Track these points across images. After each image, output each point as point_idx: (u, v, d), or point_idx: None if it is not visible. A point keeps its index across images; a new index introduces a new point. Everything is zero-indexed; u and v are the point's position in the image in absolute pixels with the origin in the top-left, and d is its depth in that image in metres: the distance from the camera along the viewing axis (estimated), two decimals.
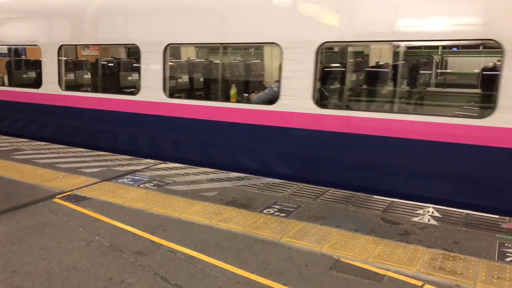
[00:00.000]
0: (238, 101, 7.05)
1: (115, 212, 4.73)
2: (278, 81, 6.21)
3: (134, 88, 8.20)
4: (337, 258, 3.71)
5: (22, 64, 10.19)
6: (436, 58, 8.97)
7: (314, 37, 5.79)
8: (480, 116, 5.17)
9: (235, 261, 3.65)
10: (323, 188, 5.52)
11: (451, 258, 3.67)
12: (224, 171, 6.29)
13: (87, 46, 12.17)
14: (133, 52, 10.30)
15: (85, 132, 8.29)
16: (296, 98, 5.95)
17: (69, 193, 5.31)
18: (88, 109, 8.04)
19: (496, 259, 3.65)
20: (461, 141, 5.09)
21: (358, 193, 5.32)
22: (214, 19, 6.61)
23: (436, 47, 9.62)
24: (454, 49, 11.20)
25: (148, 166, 6.56)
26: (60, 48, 8.24)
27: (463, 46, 10.74)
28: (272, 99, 6.35)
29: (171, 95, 7.32)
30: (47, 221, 4.48)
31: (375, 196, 5.22)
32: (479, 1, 5.05)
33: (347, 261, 3.66)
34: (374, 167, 5.71)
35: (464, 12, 5.13)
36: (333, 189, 5.49)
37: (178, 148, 7.29)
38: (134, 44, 7.42)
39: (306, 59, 5.82)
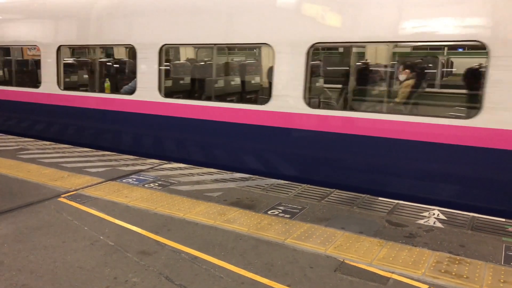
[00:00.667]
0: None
1: (120, 211, 4.73)
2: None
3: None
4: (342, 260, 3.69)
5: None
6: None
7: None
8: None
9: (239, 262, 3.65)
10: (328, 189, 5.51)
11: (457, 262, 3.64)
12: (229, 172, 6.29)
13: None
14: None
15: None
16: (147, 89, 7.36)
17: (74, 192, 5.33)
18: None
19: (502, 263, 3.62)
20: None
21: (363, 195, 5.30)
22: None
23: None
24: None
25: (152, 166, 6.57)
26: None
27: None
28: (133, 90, 7.59)
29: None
30: (52, 220, 4.50)
31: (380, 198, 5.19)
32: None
33: (352, 263, 3.64)
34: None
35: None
36: (338, 190, 5.48)
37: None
38: None
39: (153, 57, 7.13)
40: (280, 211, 4.77)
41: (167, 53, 8.30)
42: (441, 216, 4.65)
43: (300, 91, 5.95)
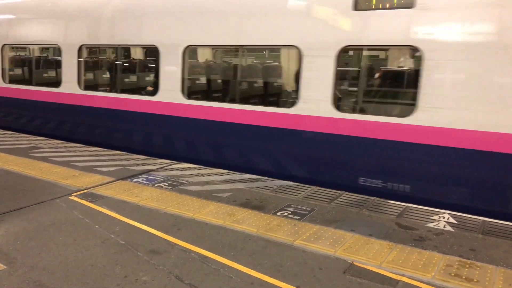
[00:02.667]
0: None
1: (130, 211, 4.78)
2: None
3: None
4: (351, 262, 3.69)
5: None
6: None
7: None
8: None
9: (248, 262, 3.66)
10: (337, 191, 5.50)
11: (467, 265, 3.62)
12: (238, 173, 6.31)
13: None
14: None
15: None
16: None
17: (85, 191, 5.38)
18: None
19: None
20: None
21: (372, 197, 5.29)
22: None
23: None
24: None
25: (162, 166, 6.62)
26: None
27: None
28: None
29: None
30: (63, 218, 4.55)
31: (389, 201, 5.18)
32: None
33: (361, 265, 3.64)
34: None
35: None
36: (347, 193, 5.47)
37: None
38: None
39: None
40: (289, 212, 4.78)
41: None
42: (451, 220, 4.63)
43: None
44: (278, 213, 4.74)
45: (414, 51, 5.74)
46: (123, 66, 8.97)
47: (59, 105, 8.72)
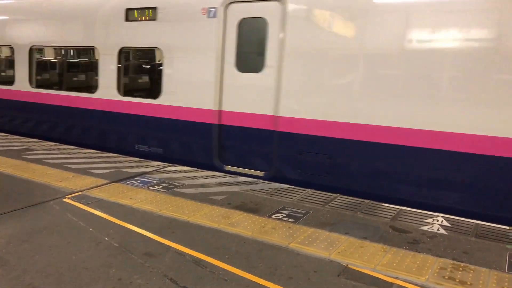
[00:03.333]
0: None
1: (125, 213, 4.76)
2: None
3: None
4: (345, 265, 3.70)
5: None
6: None
7: None
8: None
9: (243, 265, 3.66)
10: (332, 194, 5.52)
11: (460, 268, 3.64)
12: (233, 175, 6.31)
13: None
14: None
15: None
16: None
17: (79, 193, 5.36)
18: None
19: (506, 270, 3.62)
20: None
21: (367, 200, 5.31)
22: None
23: None
24: None
25: (157, 168, 6.60)
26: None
27: None
28: None
29: None
30: (57, 220, 4.52)
31: (384, 204, 5.20)
32: None
33: (356, 268, 3.65)
34: None
35: None
36: (341, 195, 5.49)
37: None
38: None
39: None
40: (284, 215, 4.78)
41: None
42: (445, 223, 4.66)
43: None
44: (273, 216, 4.74)
45: (159, 51, 7.92)
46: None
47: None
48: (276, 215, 4.78)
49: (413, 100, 5.32)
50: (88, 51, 10.19)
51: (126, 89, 8.12)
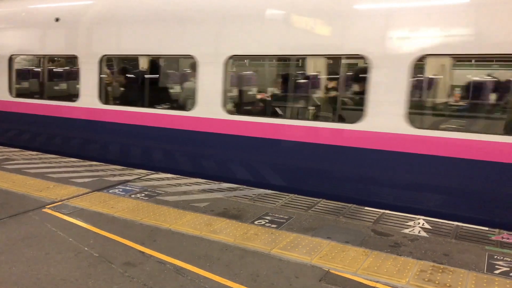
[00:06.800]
0: None
1: (105, 222, 4.70)
2: None
3: None
4: (327, 269, 3.70)
5: None
6: None
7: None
8: None
9: (224, 272, 3.64)
10: (315, 199, 5.53)
11: (440, 270, 3.67)
12: (216, 182, 6.28)
13: None
14: None
15: None
16: None
17: (59, 203, 5.27)
18: None
19: (485, 271, 3.66)
20: None
21: (349, 205, 5.33)
22: None
23: None
24: None
25: (139, 176, 6.54)
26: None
27: None
28: None
29: None
30: (36, 231, 4.44)
31: (366, 208, 5.23)
32: None
33: (337, 272, 3.65)
34: None
35: None
36: (324, 200, 5.50)
37: None
38: None
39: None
40: (267, 221, 4.78)
41: None
42: (426, 225, 4.70)
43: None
44: (256, 222, 4.73)
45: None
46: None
47: None
48: (259, 221, 4.77)
49: None
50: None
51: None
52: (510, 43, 4.82)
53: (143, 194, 5.64)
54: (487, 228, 4.63)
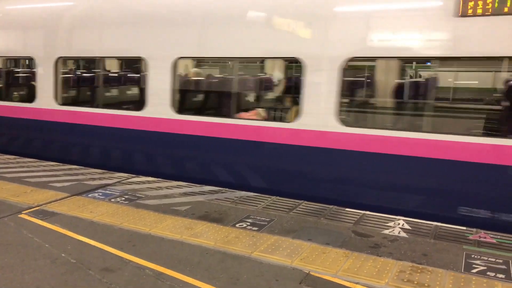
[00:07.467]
0: None
1: (84, 227, 4.61)
2: None
3: None
4: (307, 272, 3.70)
5: None
6: None
7: None
8: None
9: (204, 276, 3.60)
10: (296, 201, 5.54)
11: (419, 270, 3.71)
12: (198, 185, 6.23)
13: None
14: None
15: None
16: None
17: (36, 208, 5.16)
18: None
19: (462, 271, 3.71)
20: None
21: (330, 206, 5.35)
22: None
23: None
24: None
25: (120, 180, 6.45)
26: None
27: None
28: None
29: None
30: (11, 238, 4.33)
31: (347, 209, 5.25)
32: None
33: (318, 274, 3.65)
34: None
35: None
36: (306, 202, 5.51)
37: None
38: None
39: None
40: (248, 223, 4.76)
41: None
42: (406, 226, 4.74)
43: None
44: (237, 225, 4.71)
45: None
46: None
47: None
48: (240, 224, 4.75)
49: None
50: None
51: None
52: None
53: (123, 198, 5.56)
54: (465, 228, 4.69)
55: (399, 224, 4.81)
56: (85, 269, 3.72)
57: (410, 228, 4.69)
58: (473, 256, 3.99)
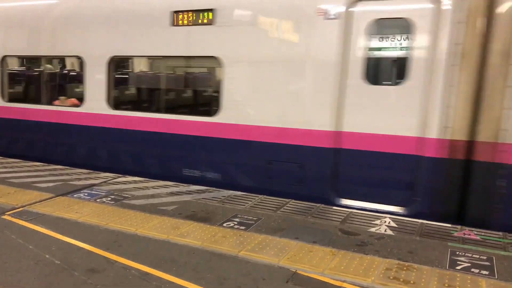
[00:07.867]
0: None
1: (69, 228, 4.55)
2: None
3: None
4: (294, 270, 3.70)
5: None
6: None
7: None
8: None
9: (191, 277, 3.58)
10: (284, 200, 5.54)
11: (405, 268, 3.74)
12: (185, 184, 6.20)
13: None
14: None
15: None
16: None
17: (20, 209, 5.08)
18: None
19: (447, 268, 3.75)
20: None
21: (317, 204, 5.37)
22: None
23: None
24: None
25: (106, 180, 6.38)
26: None
27: None
28: None
29: None
30: None
31: (334, 207, 5.28)
32: None
33: (304, 273, 3.66)
34: None
35: None
36: (293, 200, 5.52)
37: None
38: None
39: None
40: (236, 223, 4.74)
41: None
42: (392, 224, 4.78)
43: None
44: (224, 224, 4.69)
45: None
46: None
47: None
48: (227, 223, 4.73)
49: None
50: None
51: None
52: None
53: (109, 198, 5.50)
54: (450, 225, 4.75)
55: (385, 222, 4.84)
56: (70, 270, 3.67)
57: (396, 226, 4.73)
58: (457, 253, 4.04)
